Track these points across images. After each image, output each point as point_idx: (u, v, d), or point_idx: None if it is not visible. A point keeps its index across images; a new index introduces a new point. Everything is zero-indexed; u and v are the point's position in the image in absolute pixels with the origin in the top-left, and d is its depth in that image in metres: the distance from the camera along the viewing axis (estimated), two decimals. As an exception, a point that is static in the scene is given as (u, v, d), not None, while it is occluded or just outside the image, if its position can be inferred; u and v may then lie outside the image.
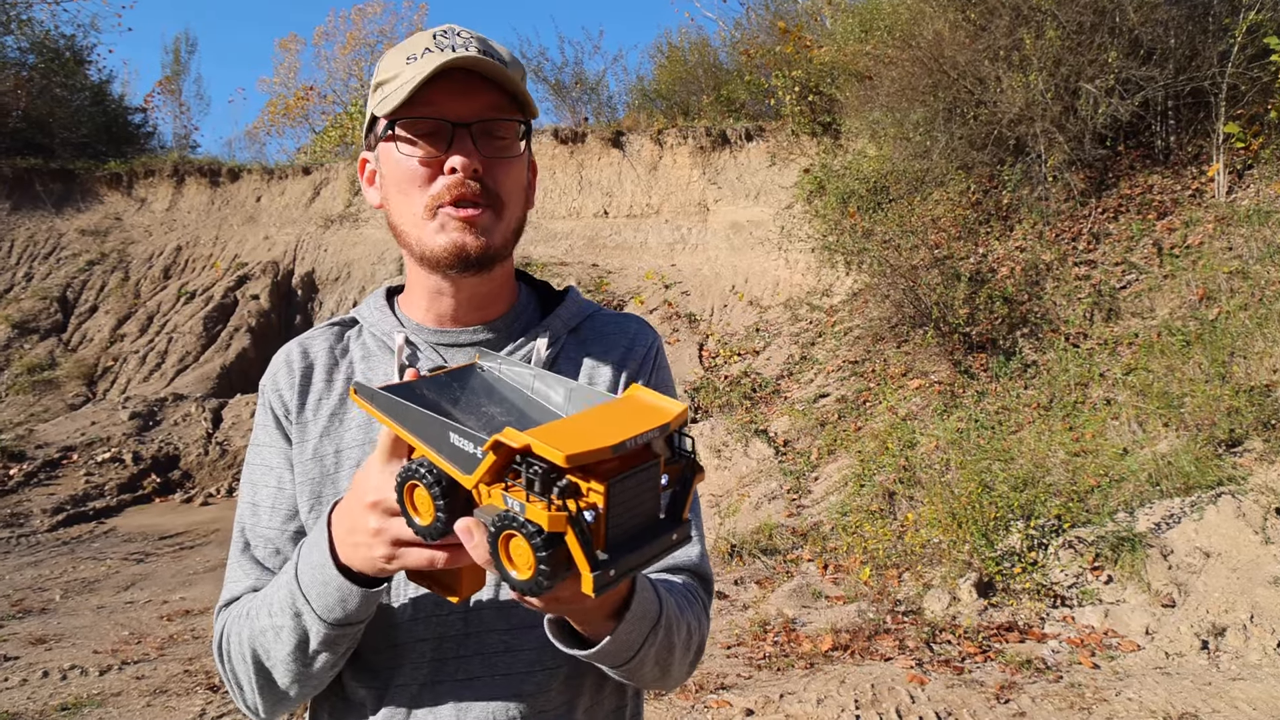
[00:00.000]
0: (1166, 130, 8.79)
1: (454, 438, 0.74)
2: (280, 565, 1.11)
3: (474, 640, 1.05)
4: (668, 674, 1.03)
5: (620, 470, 0.68)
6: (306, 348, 1.20)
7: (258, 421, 1.19)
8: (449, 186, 1.04)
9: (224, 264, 15.22)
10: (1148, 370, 6.77)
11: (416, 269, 1.14)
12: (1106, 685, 4.26)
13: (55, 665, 4.78)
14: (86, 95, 18.77)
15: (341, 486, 1.09)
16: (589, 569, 0.65)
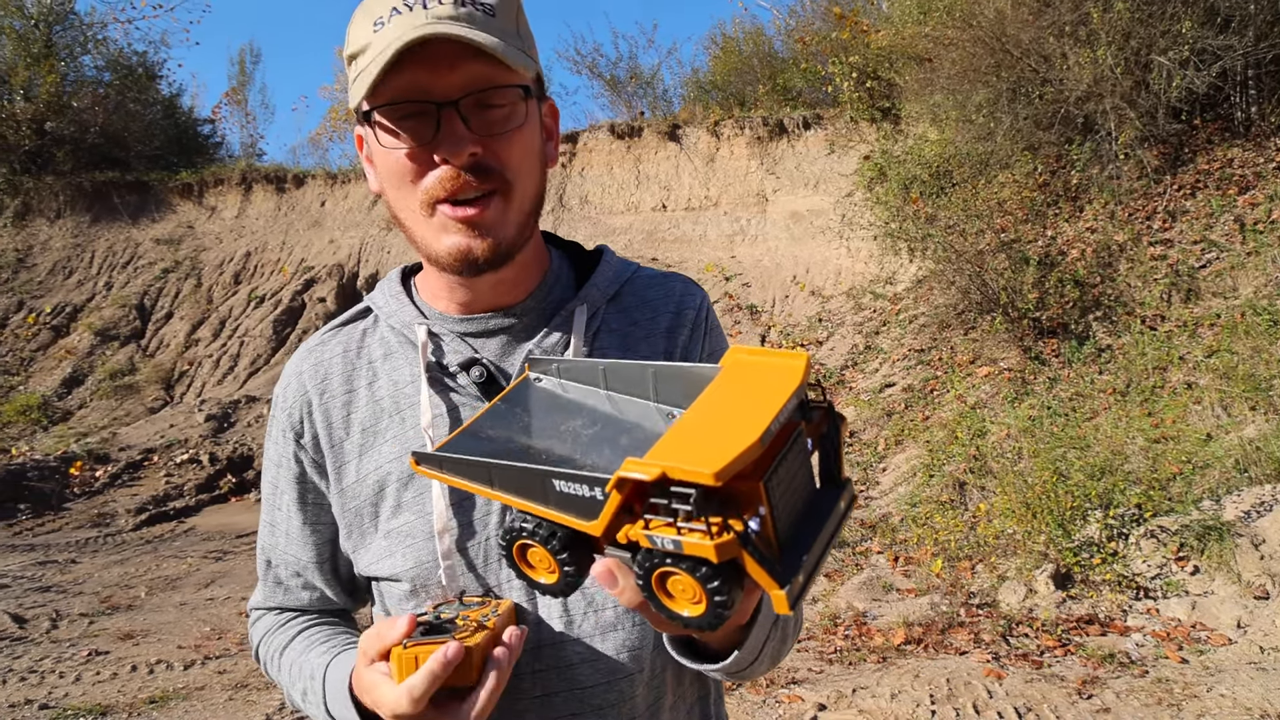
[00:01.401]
0: (1247, 101, 8.42)
1: (560, 485, 0.62)
2: (306, 584, 1.08)
3: (548, 652, 0.95)
4: (775, 664, 0.96)
5: (770, 460, 0.57)
6: (319, 357, 1.06)
7: (272, 438, 1.08)
8: (441, 181, 0.89)
9: (291, 268, 15.63)
10: (1231, 352, 6.51)
11: (430, 265, 1.01)
12: (1196, 680, 4.12)
13: (143, 660, 4.95)
14: (158, 109, 19.46)
15: (389, 508, 0.99)
16: (777, 586, 0.55)
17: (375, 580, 1.03)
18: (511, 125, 0.91)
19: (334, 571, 1.08)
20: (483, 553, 0.95)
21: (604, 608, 0.96)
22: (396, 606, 0.99)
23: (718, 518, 0.54)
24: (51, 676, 4.74)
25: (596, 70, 16.82)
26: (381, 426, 1.00)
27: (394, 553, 0.97)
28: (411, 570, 0.96)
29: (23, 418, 12.79)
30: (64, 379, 13.94)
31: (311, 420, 1.04)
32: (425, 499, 0.96)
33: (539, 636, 0.95)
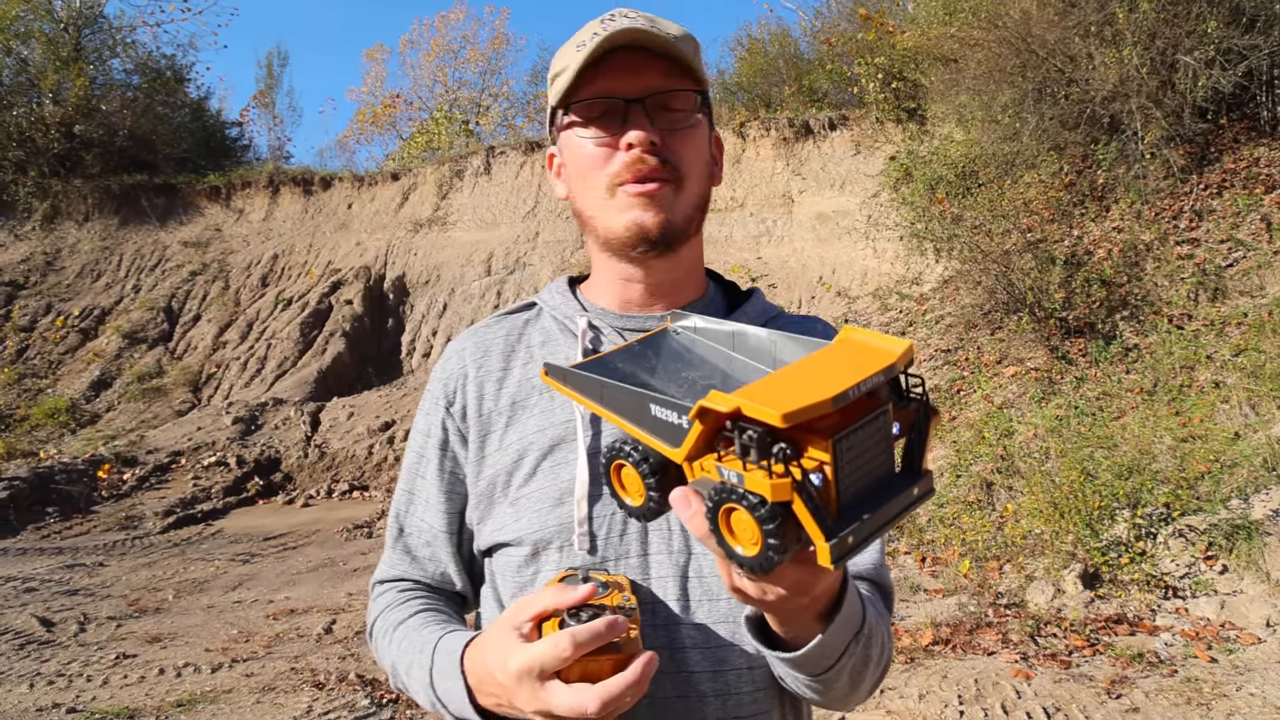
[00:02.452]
0: (1273, 100, 8.37)
1: (655, 409, 0.68)
2: (432, 557, 1.14)
3: (661, 633, 0.99)
4: (856, 690, 0.96)
5: (846, 424, 0.60)
6: (482, 337, 1.17)
7: (422, 410, 1.17)
8: (627, 164, 1.02)
9: (318, 270, 15.72)
10: (1259, 351, 6.49)
11: (602, 256, 1.12)
12: (1226, 680, 4.13)
13: (170, 663, 4.93)
14: (186, 112, 19.62)
15: (523, 475, 1.06)
16: (824, 538, 0.57)
17: (493, 551, 1.08)
18: (687, 124, 1.05)
19: (459, 546, 1.14)
20: (606, 525, 1.01)
21: (719, 597, 0.99)
22: (512, 576, 1.04)
23: (780, 460, 0.58)
24: (79, 680, 4.72)
25: (620, 72, 16.83)
26: (531, 402, 1.09)
27: (520, 517, 1.04)
28: (535, 534, 1.02)
29: (51, 421, 12.80)
30: (92, 382, 14.01)
31: (464, 391, 1.13)
32: (560, 469, 1.03)
33: (654, 617, 0.99)
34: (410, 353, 14.40)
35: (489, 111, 21.14)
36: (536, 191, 14.98)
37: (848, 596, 0.85)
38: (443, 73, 21.96)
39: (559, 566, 1.00)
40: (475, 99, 21.65)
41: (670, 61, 1.03)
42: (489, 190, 15.44)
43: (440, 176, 15.92)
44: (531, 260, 14.36)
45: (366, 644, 1.21)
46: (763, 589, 0.72)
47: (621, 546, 1.00)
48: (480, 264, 14.71)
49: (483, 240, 15.00)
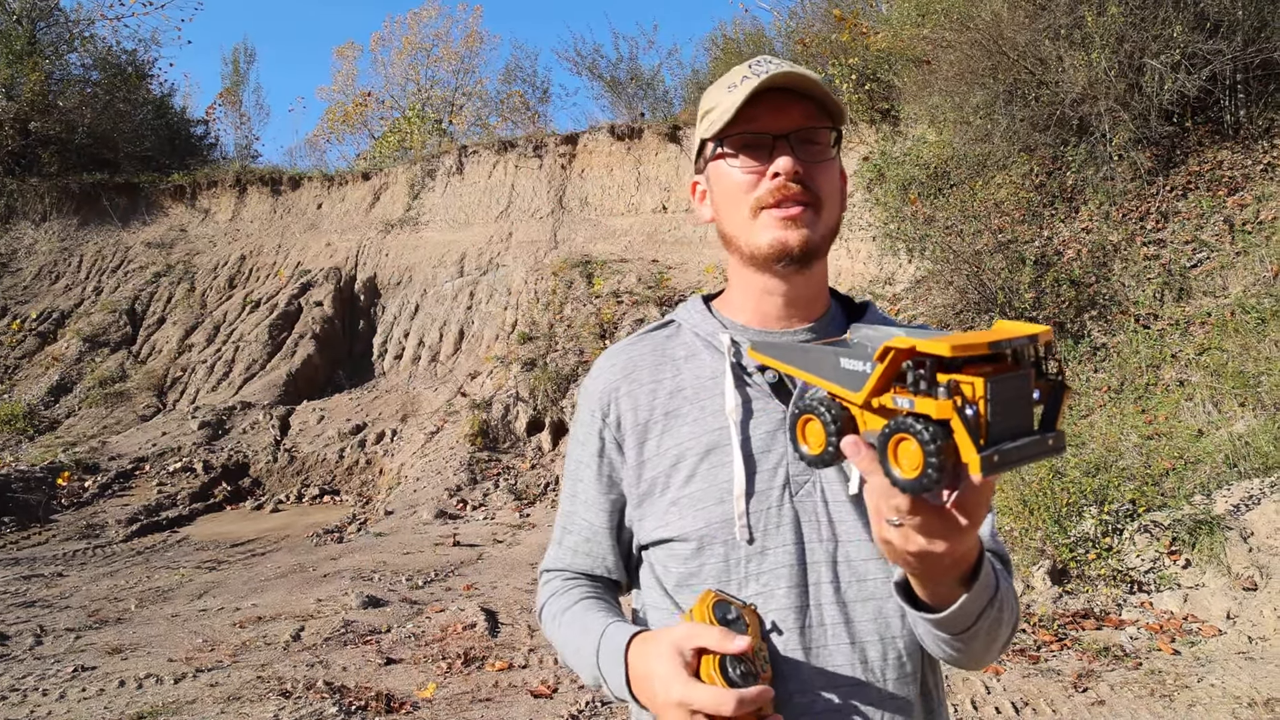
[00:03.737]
0: (1236, 104, 8.52)
1: (844, 361, 0.83)
2: (592, 552, 1.29)
3: (813, 613, 1.13)
4: (990, 649, 1.07)
5: (998, 373, 0.73)
6: (629, 354, 1.30)
7: (579, 421, 1.31)
8: (772, 190, 1.14)
9: (287, 271, 15.54)
10: (1222, 350, 6.60)
11: (743, 271, 1.23)
12: (1188, 671, 4.18)
13: (131, 674, 4.78)
14: (149, 109, 19.25)
15: (683, 477, 1.18)
16: (975, 451, 0.70)
17: (657, 545, 1.21)
18: (826, 157, 1.18)
19: (618, 540, 1.29)
20: (763, 521, 1.14)
21: (866, 578, 1.13)
22: (677, 567, 1.18)
23: (945, 390, 0.72)
24: (34, 694, 4.55)
25: (597, 71, 16.86)
26: (683, 411, 1.22)
27: (684, 515, 1.17)
28: (701, 530, 1.15)
29: (7, 427, 12.47)
30: (51, 387, 13.73)
31: (618, 404, 1.26)
32: (718, 471, 1.16)
33: (807, 598, 1.13)
34: (382, 355, 14.28)
35: (462, 110, 21.02)
36: (509, 191, 14.91)
37: (984, 565, 0.96)
38: (415, 71, 21.81)
39: (726, 558, 1.13)
40: (448, 98, 21.51)
41: (812, 102, 1.16)
42: (461, 190, 15.36)
43: (412, 176, 15.81)
44: (505, 261, 14.29)
45: (538, 624, 1.37)
46: (906, 535, 0.83)
47: (778, 536, 1.13)
48: (453, 264, 14.63)
49: (455, 240, 14.91)
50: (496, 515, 9.11)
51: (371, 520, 9.33)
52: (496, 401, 11.38)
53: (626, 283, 12.67)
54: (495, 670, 4.76)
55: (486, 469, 10.30)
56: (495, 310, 13.80)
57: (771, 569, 1.12)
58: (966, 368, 0.73)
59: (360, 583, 6.60)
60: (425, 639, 5.30)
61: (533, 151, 14.96)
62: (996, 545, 1.18)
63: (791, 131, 1.15)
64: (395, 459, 11.20)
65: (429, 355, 13.81)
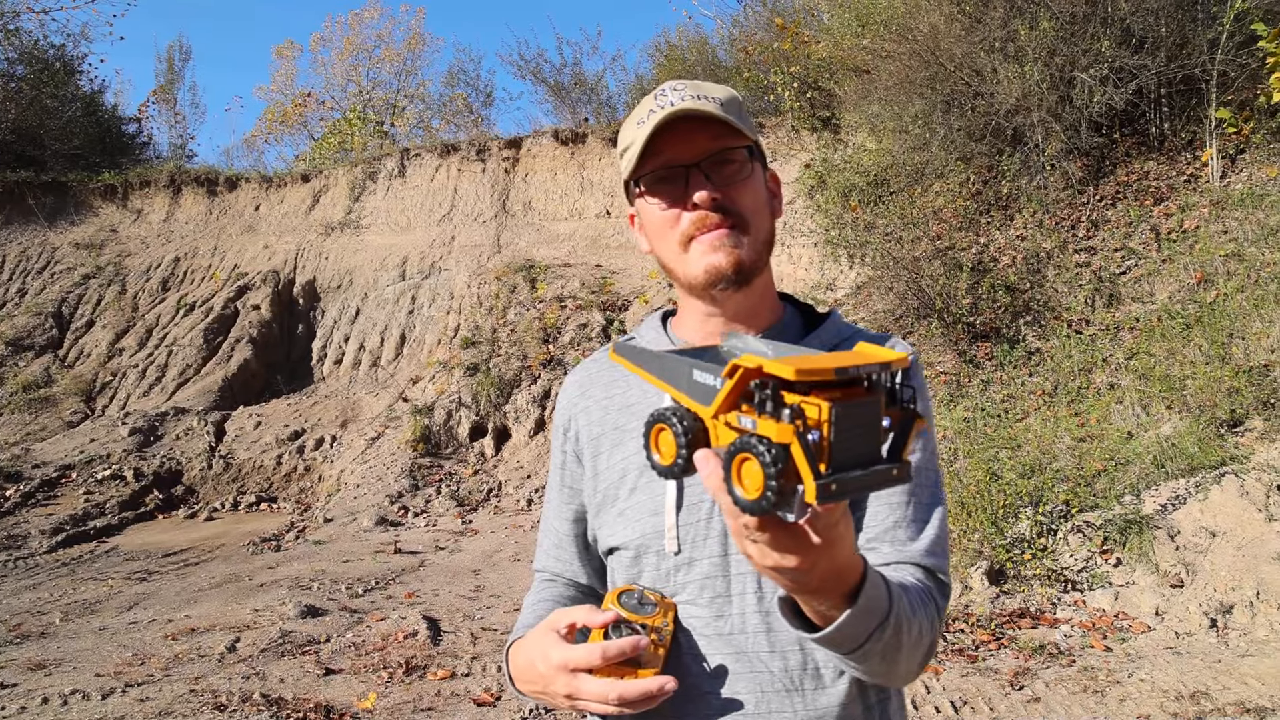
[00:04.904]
0: (1160, 117, 8.83)
1: (696, 373, 0.83)
2: (560, 556, 1.37)
3: (754, 640, 1.16)
4: (893, 670, 1.06)
5: (844, 399, 0.72)
6: (588, 372, 1.38)
7: (552, 434, 1.42)
8: (694, 221, 1.19)
9: (223, 274, 15.18)
10: (1149, 354, 6.82)
11: (688, 298, 1.28)
12: (1119, 667, 4.30)
13: (55, 690, 4.61)
14: (78, 106, 18.62)
15: (627, 489, 1.25)
16: (812, 477, 0.69)
17: (610, 553, 1.28)
18: (742, 176, 1.21)
19: (584, 547, 1.36)
20: (691, 533, 1.18)
21: None
22: (623, 573, 1.24)
23: (789, 418, 0.71)
24: None
25: (540, 76, 16.78)
26: (631, 427, 1.28)
27: (627, 525, 1.23)
28: (637, 539, 1.21)
29: (-77, 433, 11.95)
30: (-30, 392, 13.20)
31: (576, 420, 1.35)
32: (655, 484, 1.22)
33: (732, 606, 1.16)
34: (321, 360, 14.01)
35: (404, 113, 20.75)
36: (452, 195, 14.77)
37: (865, 588, 0.95)
38: (356, 72, 21.48)
39: (658, 567, 1.19)
40: (390, 99, 21.23)
41: (718, 124, 1.18)
42: (403, 193, 15.17)
43: (353, 178, 15.55)
44: (447, 264, 14.15)
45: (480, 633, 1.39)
46: (763, 550, 0.83)
47: (705, 548, 1.17)
48: (394, 268, 14.44)
49: (397, 244, 14.72)
50: (438, 522, 9.01)
51: (310, 528, 9.15)
52: (439, 407, 11.24)
53: (570, 287, 12.64)
54: (437, 679, 4.72)
55: (428, 475, 10.18)
56: (437, 314, 13.65)
57: (698, 579, 1.17)
58: (815, 391, 0.72)
59: (298, 592, 6.48)
60: (366, 648, 5.22)
61: (476, 155, 14.84)
62: (932, 562, 1.17)
63: (702, 159, 1.18)
64: (335, 465, 11.00)
65: (370, 360, 13.61)
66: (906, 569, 1.15)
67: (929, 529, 1.19)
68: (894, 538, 1.16)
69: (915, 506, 1.18)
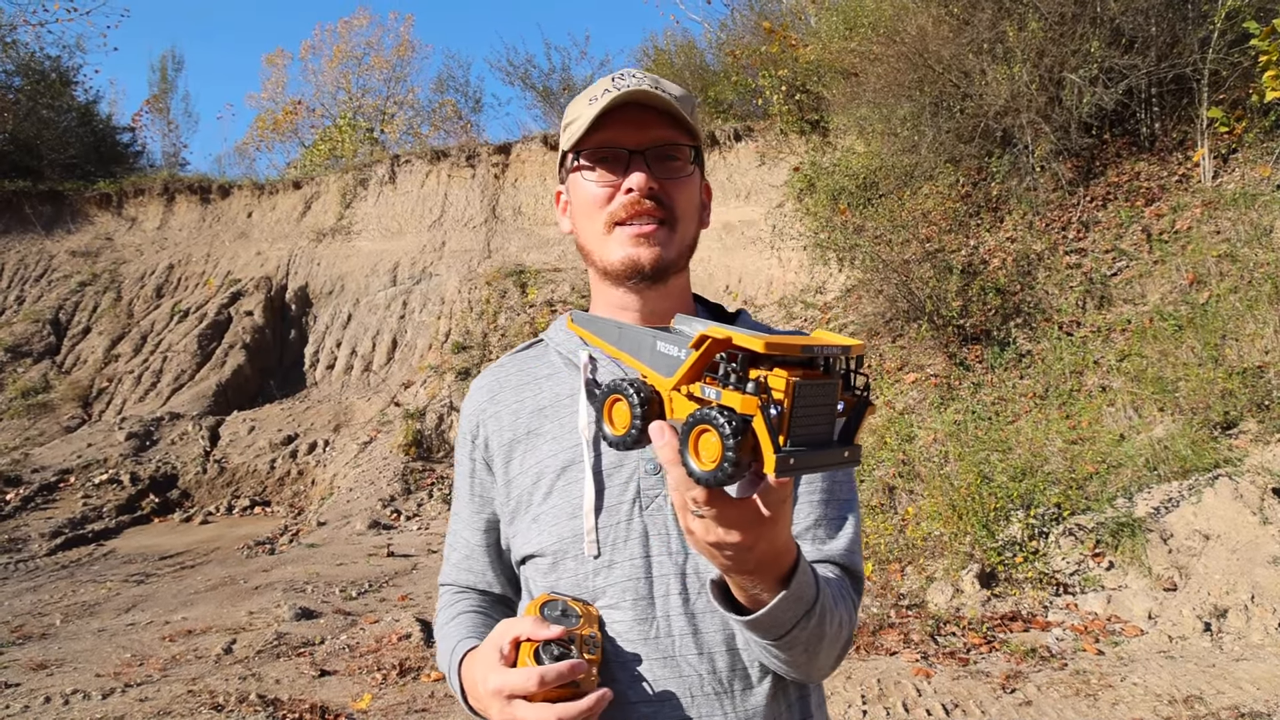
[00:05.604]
0: (1151, 117, 8.83)
1: (660, 344, 0.84)
2: (471, 568, 1.33)
3: (661, 624, 1.14)
4: (814, 661, 1.07)
5: (805, 378, 0.74)
6: (496, 376, 1.33)
7: (458, 444, 1.36)
8: (625, 205, 1.16)
9: (217, 281, 15.21)
10: (1141, 356, 6.80)
11: (601, 285, 1.25)
12: (1111, 671, 4.28)
13: (57, 690, 4.69)
14: (74, 116, 18.78)
15: (542, 494, 1.21)
16: (772, 451, 0.70)
17: (526, 561, 1.24)
18: (683, 174, 1.20)
19: (496, 557, 1.33)
20: (611, 535, 1.16)
21: None
22: (540, 580, 1.20)
23: (753, 391, 0.72)
24: None
25: (529, 81, 16.83)
26: (544, 429, 1.24)
27: (543, 531, 1.19)
28: (554, 545, 1.18)
29: (-75, 439, 12.04)
30: (-31, 398, 13.27)
31: (485, 425, 1.30)
32: (571, 487, 1.19)
33: (654, 609, 1.14)
34: (314, 365, 14.04)
35: (394, 119, 20.78)
36: (442, 200, 14.80)
37: (798, 573, 0.96)
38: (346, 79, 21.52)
39: (576, 571, 1.16)
40: (380, 106, 21.26)
41: (670, 118, 1.18)
42: (394, 199, 15.20)
43: (344, 185, 15.58)
44: (438, 270, 14.17)
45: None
46: (707, 526, 0.83)
47: (625, 550, 1.15)
48: (385, 274, 14.47)
49: (388, 250, 14.75)
50: (430, 525, 9.06)
51: (304, 531, 9.20)
52: (430, 411, 11.28)
53: (560, 292, 12.69)
54: (431, 680, 4.75)
55: (420, 479, 10.22)
56: (428, 319, 13.67)
57: (619, 582, 1.14)
58: (777, 368, 0.73)
59: (293, 594, 6.53)
60: (360, 650, 5.27)
61: (465, 161, 14.87)
62: (851, 561, 1.20)
63: (649, 147, 1.17)
64: (328, 469, 11.03)
65: (362, 365, 13.64)
66: (825, 566, 1.16)
67: (846, 528, 1.21)
68: (814, 535, 1.18)
69: (834, 505, 1.20)
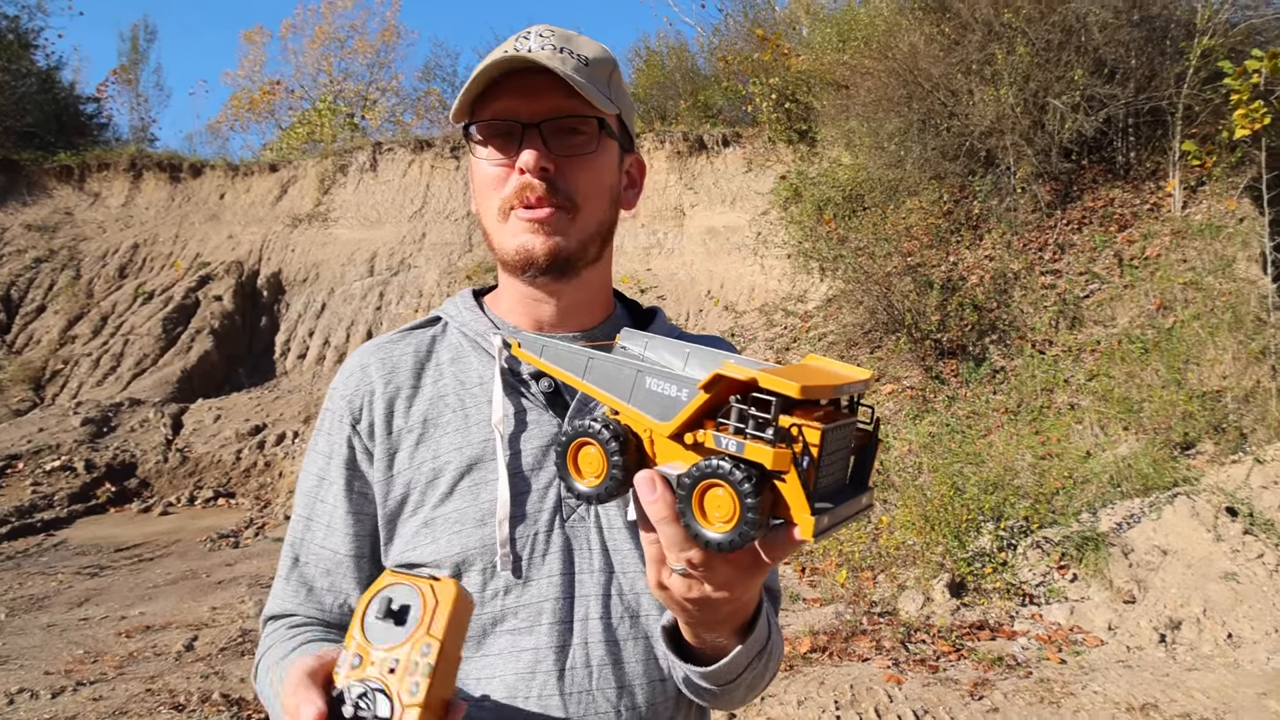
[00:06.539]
0: (1127, 146, 9.06)
1: (650, 382, 0.70)
2: (332, 587, 1.06)
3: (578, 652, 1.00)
4: (749, 695, 0.99)
5: (831, 420, 0.64)
6: (388, 353, 1.12)
7: (322, 430, 1.11)
8: (517, 189, 1.01)
9: (185, 263, 14.87)
10: (1109, 376, 6.99)
11: (506, 276, 1.11)
12: (1073, 679, 4.40)
13: (1, 689, 4.49)
14: (33, 81, 18.03)
15: (439, 494, 1.02)
16: (808, 510, 0.61)
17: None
18: (586, 151, 1.03)
19: (367, 573, 1.07)
20: (529, 548, 1.00)
21: (639, 613, 1.01)
22: None
23: (784, 436, 0.62)
24: None
25: (518, 75, 16.67)
26: (444, 420, 1.06)
27: (438, 538, 1.00)
28: (456, 556, 0.99)
29: None
30: (-87, 377, 12.79)
31: (371, 409, 1.08)
32: (481, 489, 1.01)
33: (572, 636, 0.99)
34: (284, 353, 13.81)
35: (376, 106, 20.56)
36: (424, 191, 14.65)
37: (762, 615, 0.88)
38: (328, 62, 21.22)
39: (481, 588, 0.98)
40: (362, 92, 21.01)
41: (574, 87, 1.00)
42: (374, 188, 15.01)
43: (323, 170, 15.36)
44: (417, 262, 14.03)
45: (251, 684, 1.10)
46: (690, 584, 0.73)
47: (544, 566, 0.99)
48: (363, 264, 14.28)
49: (366, 239, 14.56)
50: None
51: (270, 525, 9.03)
52: (405, 405, 11.14)
53: (542, 288, 12.64)
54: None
55: (393, 474, 10.07)
56: (406, 312, 13.54)
57: (534, 602, 0.98)
58: (796, 411, 0.63)
59: (258, 590, 6.38)
60: (328, 648, 5.15)
61: (450, 152, 14.74)
62: (771, 580, 1.10)
63: (544, 119, 1.00)
64: (296, 461, 10.84)
65: (335, 355, 13.45)
66: None
67: None
68: None
69: None
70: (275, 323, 14.29)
